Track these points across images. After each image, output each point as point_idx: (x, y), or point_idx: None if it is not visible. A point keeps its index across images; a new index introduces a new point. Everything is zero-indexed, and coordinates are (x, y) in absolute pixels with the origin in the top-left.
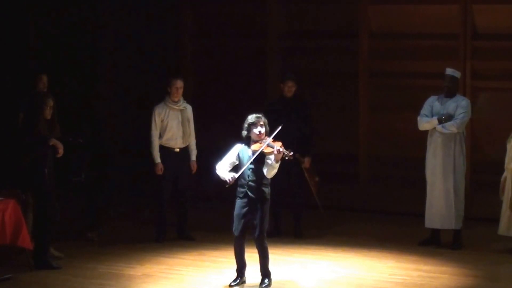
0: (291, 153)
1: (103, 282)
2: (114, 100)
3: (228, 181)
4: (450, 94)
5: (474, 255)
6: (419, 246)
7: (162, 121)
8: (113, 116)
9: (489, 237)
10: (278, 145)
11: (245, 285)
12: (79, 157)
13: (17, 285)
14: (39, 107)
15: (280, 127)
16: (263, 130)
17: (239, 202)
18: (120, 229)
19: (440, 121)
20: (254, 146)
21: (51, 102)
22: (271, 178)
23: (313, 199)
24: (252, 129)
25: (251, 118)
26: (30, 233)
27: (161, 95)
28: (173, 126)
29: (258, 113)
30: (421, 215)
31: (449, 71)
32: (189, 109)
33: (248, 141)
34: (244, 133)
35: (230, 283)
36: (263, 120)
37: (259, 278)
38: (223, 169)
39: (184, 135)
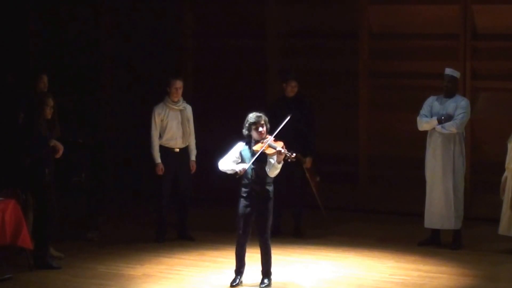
0: (293, 154)
1: (103, 282)
2: (114, 100)
3: (238, 172)
4: (450, 94)
5: (474, 255)
6: (419, 246)
7: (162, 121)
8: (113, 116)
9: (489, 237)
10: (279, 146)
11: (245, 285)
12: (79, 157)
13: (17, 285)
14: (40, 107)
15: (288, 118)
16: (264, 129)
17: (242, 202)
18: (120, 229)
19: (440, 122)
20: (256, 147)
21: (51, 102)
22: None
23: (314, 199)
24: (253, 129)
25: (251, 117)
26: (30, 233)
27: (161, 95)
28: (173, 126)
29: (258, 112)
30: (421, 215)
31: (448, 71)
32: (188, 109)
33: (249, 140)
34: (245, 132)
35: (231, 283)
36: (263, 119)
37: (258, 278)
38: (228, 163)
39: (184, 135)
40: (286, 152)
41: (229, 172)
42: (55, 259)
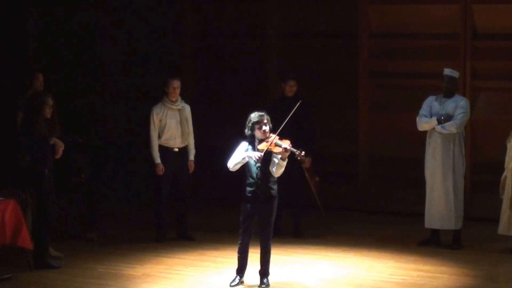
0: (303, 152)
1: (103, 282)
2: (114, 100)
3: (255, 159)
4: (449, 94)
5: (474, 255)
6: (419, 246)
7: (160, 121)
8: (112, 115)
9: (489, 237)
10: (286, 144)
11: (245, 285)
12: (79, 157)
13: (17, 285)
14: (39, 107)
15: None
16: (267, 128)
17: (247, 201)
18: (120, 229)
19: (439, 122)
20: (261, 146)
21: (50, 101)
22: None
23: (313, 199)
24: (257, 128)
25: (254, 117)
26: (30, 233)
27: (161, 96)
28: (172, 126)
29: (261, 111)
30: (421, 215)
31: (447, 71)
32: (187, 109)
33: (252, 140)
34: (248, 132)
35: (231, 283)
36: (266, 118)
37: (257, 278)
38: (237, 157)
39: (183, 134)
40: (295, 150)
41: (240, 164)
42: (55, 259)
